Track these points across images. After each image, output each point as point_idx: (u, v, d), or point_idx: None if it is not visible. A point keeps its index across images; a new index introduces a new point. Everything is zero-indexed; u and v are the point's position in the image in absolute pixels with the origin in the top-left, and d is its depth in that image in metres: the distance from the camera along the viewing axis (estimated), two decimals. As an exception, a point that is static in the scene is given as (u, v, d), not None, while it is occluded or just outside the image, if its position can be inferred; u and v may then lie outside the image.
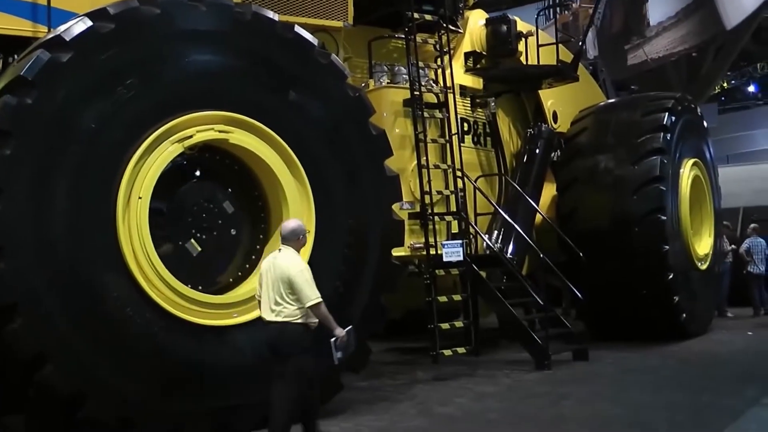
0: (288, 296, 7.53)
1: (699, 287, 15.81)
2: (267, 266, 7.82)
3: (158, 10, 8.68)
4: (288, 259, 7.67)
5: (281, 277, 7.55)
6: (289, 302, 7.53)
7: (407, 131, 12.59)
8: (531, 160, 15.46)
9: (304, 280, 7.51)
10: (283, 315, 7.52)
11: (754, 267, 19.60)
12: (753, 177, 23.33)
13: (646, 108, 15.73)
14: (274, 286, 7.61)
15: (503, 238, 14.22)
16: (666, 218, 14.58)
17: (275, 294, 7.59)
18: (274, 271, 7.66)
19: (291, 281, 7.49)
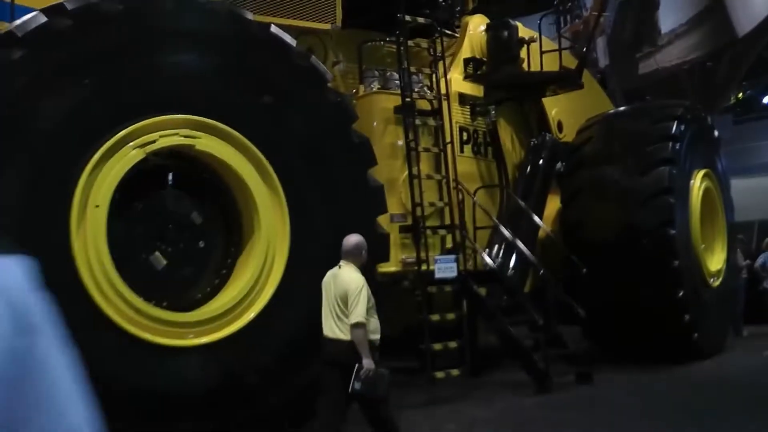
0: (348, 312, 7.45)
1: (711, 305, 15.04)
2: (327, 281, 7.73)
3: (121, 6, 8.07)
4: (349, 275, 7.56)
5: (341, 293, 7.48)
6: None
7: (399, 140, 11.94)
8: (534, 171, 14.76)
9: (359, 298, 7.36)
10: (347, 331, 7.39)
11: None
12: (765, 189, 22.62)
13: (654, 116, 15.02)
14: (335, 302, 7.53)
15: (504, 253, 13.52)
16: (675, 232, 13.81)
17: (337, 310, 7.50)
18: (334, 287, 7.59)
19: (347, 299, 7.40)
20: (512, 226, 13.47)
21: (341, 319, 7.44)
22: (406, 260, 11.69)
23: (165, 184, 8.66)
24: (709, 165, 15.80)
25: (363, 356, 7.24)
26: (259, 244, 8.61)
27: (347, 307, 7.37)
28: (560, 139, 15.54)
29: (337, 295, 7.51)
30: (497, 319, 11.94)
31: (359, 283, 7.43)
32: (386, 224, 11.37)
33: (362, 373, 7.20)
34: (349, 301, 7.35)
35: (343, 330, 7.40)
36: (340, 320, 7.45)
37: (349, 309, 7.34)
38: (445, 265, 11.24)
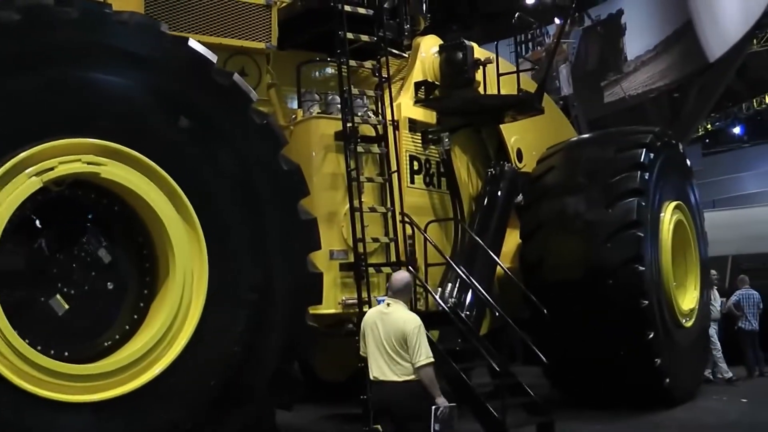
0: (405, 353, 7.42)
1: (684, 347, 14.43)
2: (371, 322, 7.72)
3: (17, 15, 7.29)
4: (404, 314, 7.59)
5: (395, 333, 7.45)
6: (407, 360, 7.41)
7: (340, 169, 11.20)
8: (492, 204, 14.06)
9: (421, 337, 7.41)
10: (401, 373, 7.38)
11: (745, 323, 18.25)
12: (742, 222, 22.12)
13: (620, 143, 14.42)
14: (386, 343, 7.48)
15: (458, 292, 12.78)
16: (645, 268, 13.17)
17: (390, 351, 7.45)
18: (384, 327, 7.54)
19: (407, 338, 7.40)
20: (467, 264, 12.81)
21: (395, 361, 7.41)
22: (346, 301, 10.94)
23: (68, 217, 7.88)
24: (681, 196, 15.23)
25: (436, 395, 7.35)
26: (173, 285, 7.84)
27: (403, 348, 7.37)
28: (520, 168, 14.88)
29: (390, 336, 7.46)
30: (448, 365, 11.21)
31: (417, 321, 7.49)
32: (325, 262, 10.73)
33: (440, 413, 7.28)
34: (410, 342, 7.35)
35: (396, 372, 7.38)
36: (394, 362, 7.41)
37: (412, 350, 7.34)
38: (389, 306, 10.52)
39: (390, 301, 7.76)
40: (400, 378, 7.39)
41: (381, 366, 7.50)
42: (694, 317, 15.06)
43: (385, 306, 7.76)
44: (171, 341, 7.72)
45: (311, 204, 10.36)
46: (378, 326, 7.62)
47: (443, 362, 11.21)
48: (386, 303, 7.78)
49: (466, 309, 12.69)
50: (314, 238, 8.71)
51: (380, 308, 7.80)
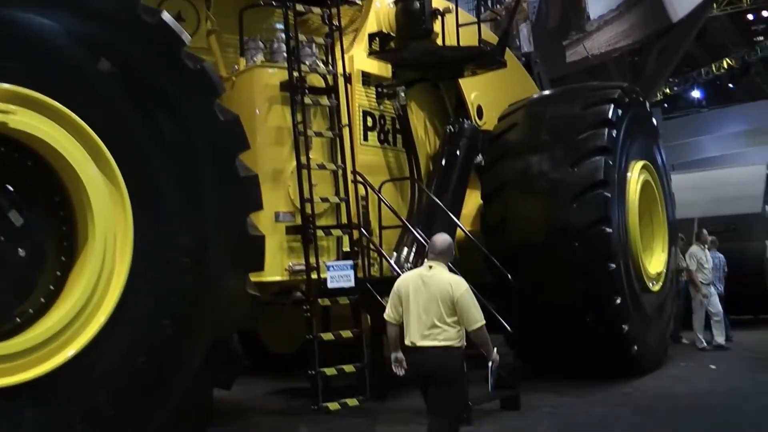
0: (448, 318, 7.07)
1: (652, 312, 13.73)
2: (415, 284, 7.29)
3: None
4: (449, 277, 7.27)
5: (442, 296, 7.08)
6: (450, 324, 7.07)
7: (286, 123, 10.27)
8: (450, 163, 13.21)
9: (472, 299, 7.15)
10: (442, 338, 7.06)
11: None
12: (707, 184, 21.52)
13: (587, 99, 13.57)
14: (430, 307, 7.11)
15: (415, 257, 11.92)
16: (612, 230, 12.41)
17: (432, 316, 7.09)
18: (428, 290, 7.15)
19: (456, 301, 7.05)
20: (425, 226, 11.96)
21: (437, 326, 7.07)
22: (293, 267, 10.06)
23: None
24: (648, 156, 14.48)
25: (491, 352, 7.28)
26: (93, 251, 6.88)
27: (447, 313, 7.05)
28: (480, 126, 14.03)
29: (435, 300, 7.09)
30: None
31: (465, 284, 7.20)
32: (270, 224, 9.87)
33: (494, 367, 7.29)
34: (460, 304, 7.04)
35: (437, 337, 7.06)
36: (436, 327, 7.07)
37: (465, 313, 7.04)
38: (339, 272, 9.65)
39: (432, 263, 7.35)
40: (441, 343, 7.05)
41: (421, 331, 7.12)
42: (661, 281, 14.37)
43: (427, 269, 7.33)
44: (91, 315, 6.70)
45: (254, 161, 9.49)
46: (421, 290, 7.20)
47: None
48: (428, 265, 7.36)
49: (423, 275, 11.83)
50: (255, 197, 7.75)
51: (420, 271, 7.38)
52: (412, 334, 7.19)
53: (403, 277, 7.61)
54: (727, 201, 20.51)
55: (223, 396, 11.53)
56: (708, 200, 20.44)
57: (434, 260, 7.40)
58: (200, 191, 7.31)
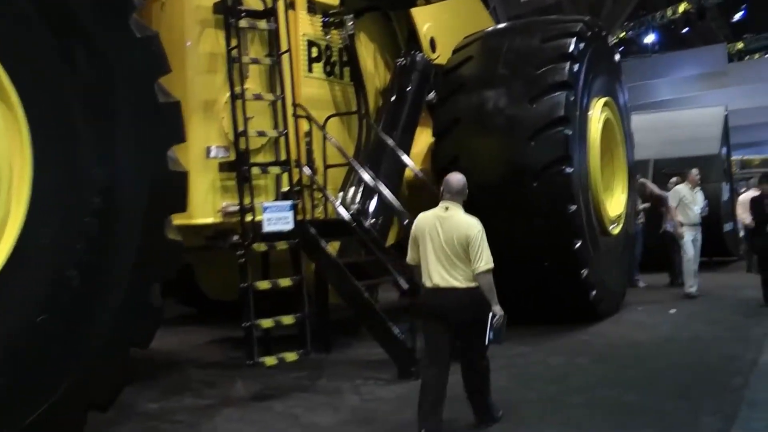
0: (466, 258, 6.89)
1: (611, 256, 12.94)
2: (430, 225, 7.09)
3: None
4: (466, 217, 7.12)
5: (459, 237, 6.92)
6: (468, 266, 6.89)
7: (219, 48, 9.16)
8: (401, 98, 12.19)
9: (484, 242, 6.98)
10: (463, 279, 6.90)
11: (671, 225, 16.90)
12: (663, 125, 20.82)
13: (547, 32, 12.52)
14: (448, 247, 6.93)
15: (362, 198, 10.98)
16: (573, 170, 11.50)
17: (452, 256, 6.92)
18: (445, 231, 6.97)
19: (470, 242, 6.88)
20: (372, 165, 11.09)
21: (456, 266, 6.90)
22: (227, 209, 9.03)
23: None
24: (610, 93, 13.55)
25: (493, 303, 6.93)
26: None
27: (465, 253, 6.87)
28: (433, 60, 12.97)
29: (452, 240, 6.90)
30: (348, 281, 9.48)
31: (479, 225, 7.05)
32: (201, 161, 8.90)
33: (496, 321, 6.92)
34: (472, 246, 6.87)
35: (457, 277, 6.89)
36: (455, 267, 6.90)
37: (474, 254, 6.86)
38: (277, 214, 8.61)
39: (447, 204, 7.14)
40: (463, 284, 6.88)
41: (441, 272, 6.93)
42: (621, 223, 13.58)
43: (443, 209, 7.11)
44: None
45: (184, 91, 8.56)
46: (438, 230, 7.00)
47: (342, 279, 9.54)
48: (444, 207, 7.13)
49: (370, 217, 10.96)
50: (176, 127, 6.72)
51: (437, 212, 7.13)
52: (433, 276, 6.98)
53: (419, 219, 7.28)
54: (683, 143, 19.94)
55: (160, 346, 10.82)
56: (664, 141, 19.78)
57: (450, 200, 7.17)
58: (113, 120, 6.27)
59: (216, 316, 13.16)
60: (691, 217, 15.34)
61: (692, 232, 15.40)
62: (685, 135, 20.04)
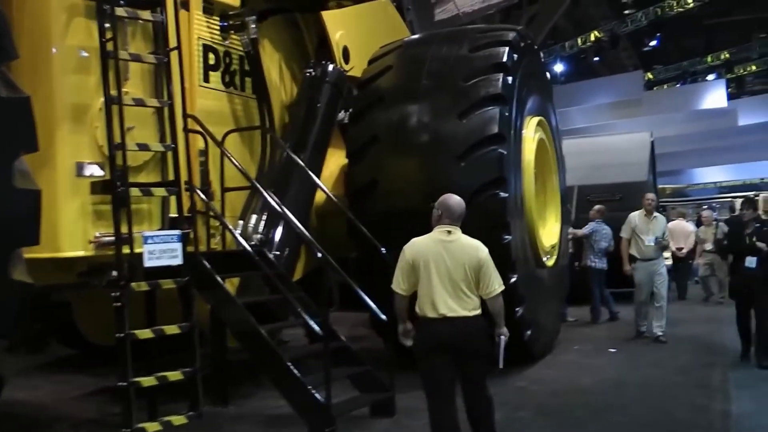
0: (474, 285, 6.62)
1: (545, 290, 11.76)
2: (435, 252, 6.67)
3: None
4: (472, 241, 6.80)
5: (470, 262, 6.61)
6: (474, 292, 6.63)
7: (93, 43, 7.62)
8: (311, 113, 10.90)
9: (493, 264, 6.74)
10: (471, 308, 6.60)
11: (594, 259, 15.96)
12: (587, 150, 19.85)
13: (476, 40, 11.22)
14: (455, 274, 6.57)
15: (266, 226, 9.72)
16: (508, 195, 10.27)
17: (460, 283, 6.58)
18: (452, 257, 6.62)
19: (480, 265, 6.62)
20: (278, 188, 9.80)
21: (464, 293, 6.58)
22: (101, 239, 7.49)
23: None
24: (543, 112, 12.38)
25: (501, 325, 6.82)
26: None
27: (473, 279, 6.61)
28: (347, 71, 11.72)
29: (462, 266, 6.58)
30: (248, 325, 8.05)
31: (485, 247, 6.78)
32: (69, 179, 7.46)
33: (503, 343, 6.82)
34: (485, 269, 6.65)
35: (464, 306, 6.59)
36: (463, 294, 6.58)
37: (487, 277, 6.64)
38: (161, 245, 7.09)
39: (449, 228, 6.73)
40: (470, 313, 6.57)
41: (447, 300, 6.54)
42: (555, 254, 12.40)
43: (445, 233, 6.71)
44: None
45: (50, 93, 7.06)
46: (443, 256, 6.61)
47: (242, 322, 8.12)
48: (446, 230, 6.72)
49: (275, 248, 9.68)
50: (27, 131, 5.26)
51: (438, 236, 6.72)
52: (439, 305, 6.54)
53: (415, 245, 6.80)
54: (610, 168, 19.02)
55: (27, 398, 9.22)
56: (589, 167, 18.77)
57: (451, 225, 6.74)
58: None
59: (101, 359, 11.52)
60: (643, 251, 13.38)
61: (648, 268, 13.39)
62: (612, 160, 19.14)
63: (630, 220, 13.66)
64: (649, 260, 13.37)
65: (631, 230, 13.50)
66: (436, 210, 6.84)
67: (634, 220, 13.59)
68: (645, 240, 13.34)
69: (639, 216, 13.61)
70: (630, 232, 13.53)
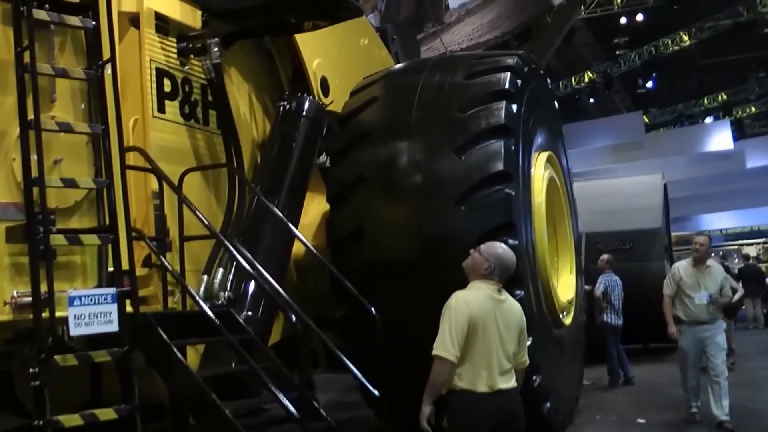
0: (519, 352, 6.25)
1: (563, 353, 10.59)
2: (490, 312, 6.07)
3: None
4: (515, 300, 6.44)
5: (518, 326, 6.28)
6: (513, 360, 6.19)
7: (9, 55, 6.35)
8: (286, 151, 9.70)
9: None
10: (515, 379, 6.19)
11: (610, 315, 14.87)
12: (595, 194, 18.83)
13: (472, 66, 10.10)
14: (508, 340, 6.13)
15: (235, 282, 8.49)
16: (518, 243, 9.01)
17: (510, 350, 6.16)
18: (506, 319, 6.16)
19: (522, 331, 6.32)
20: (250, 238, 8.70)
21: (510, 361, 6.12)
22: (19, 300, 6.21)
23: None
24: (552, 146, 11.25)
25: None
26: None
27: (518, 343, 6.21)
28: (326, 105, 10.59)
29: (513, 329, 6.17)
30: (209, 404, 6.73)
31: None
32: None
33: None
34: (524, 335, 6.32)
35: (513, 377, 6.17)
36: (509, 363, 6.12)
37: (523, 345, 6.30)
38: (91, 308, 5.80)
39: (498, 285, 6.27)
40: (515, 385, 6.20)
41: (503, 372, 6.07)
42: (572, 311, 11.19)
43: (496, 291, 6.22)
44: None
45: None
46: (496, 318, 6.12)
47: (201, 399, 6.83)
48: (496, 288, 6.25)
49: (246, 308, 8.45)
50: None
51: (491, 294, 6.18)
52: (494, 377, 6.01)
53: (473, 302, 6.10)
54: (620, 214, 18.04)
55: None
56: (597, 212, 17.70)
57: (499, 280, 6.28)
58: None
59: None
60: (693, 312, 10.94)
61: (698, 334, 10.94)
62: (621, 205, 18.24)
63: (674, 272, 11.25)
64: (700, 324, 10.92)
65: (676, 285, 11.09)
66: (486, 261, 6.22)
67: (678, 272, 11.13)
68: (695, 298, 10.86)
69: (685, 267, 11.17)
70: (674, 287, 11.10)
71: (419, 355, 8.06)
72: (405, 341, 8.58)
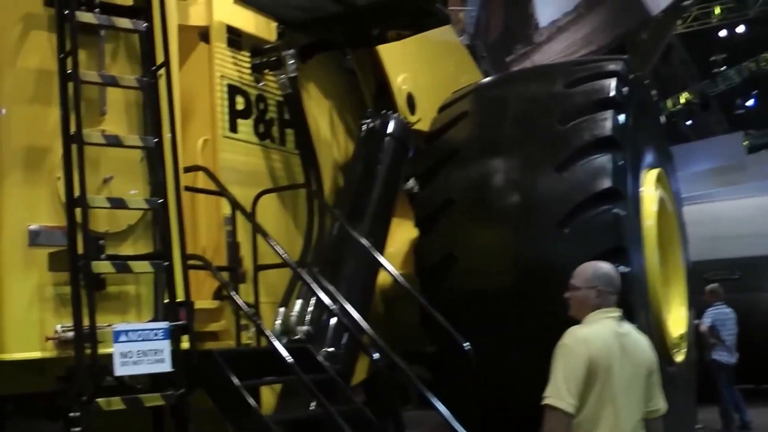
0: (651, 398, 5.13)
1: (676, 394, 9.64)
2: (613, 352, 4.91)
3: None
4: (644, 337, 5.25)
5: (648, 365, 5.12)
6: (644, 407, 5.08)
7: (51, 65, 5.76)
8: (370, 174, 9.04)
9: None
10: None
11: (721, 353, 13.85)
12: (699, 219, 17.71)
13: (571, 74, 9.38)
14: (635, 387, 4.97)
15: (314, 315, 7.77)
16: (630, 271, 8.16)
17: (640, 395, 5.03)
18: (633, 358, 5.00)
19: (653, 372, 5.14)
20: (330, 267, 8.07)
21: (641, 411, 5.02)
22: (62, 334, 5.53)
23: None
24: (662, 163, 10.38)
25: None
26: None
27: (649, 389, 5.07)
28: (412, 124, 9.88)
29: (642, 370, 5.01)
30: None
31: None
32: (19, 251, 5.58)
33: None
34: (655, 377, 5.14)
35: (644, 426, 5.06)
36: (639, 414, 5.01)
37: (654, 389, 5.15)
38: (139, 345, 5.13)
39: (617, 312, 5.14)
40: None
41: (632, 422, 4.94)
42: (684, 347, 10.26)
43: (616, 322, 5.08)
44: None
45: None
46: (619, 361, 4.91)
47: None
48: (617, 317, 5.11)
49: (327, 343, 7.67)
50: None
51: (611, 326, 5.03)
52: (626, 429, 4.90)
53: (592, 341, 4.97)
54: (727, 240, 16.92)
55: None
56: (703, 238, 16.61)
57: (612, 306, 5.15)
58: None
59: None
60: None
61: None
62: (729, 231, 17.24)
63: None
64: None
65: None
66: (591, 289, 5.18)
67: None
68: None
69: None
70: None
71: (515, 395, 7.41)
72: (500, 379, 8.18)
